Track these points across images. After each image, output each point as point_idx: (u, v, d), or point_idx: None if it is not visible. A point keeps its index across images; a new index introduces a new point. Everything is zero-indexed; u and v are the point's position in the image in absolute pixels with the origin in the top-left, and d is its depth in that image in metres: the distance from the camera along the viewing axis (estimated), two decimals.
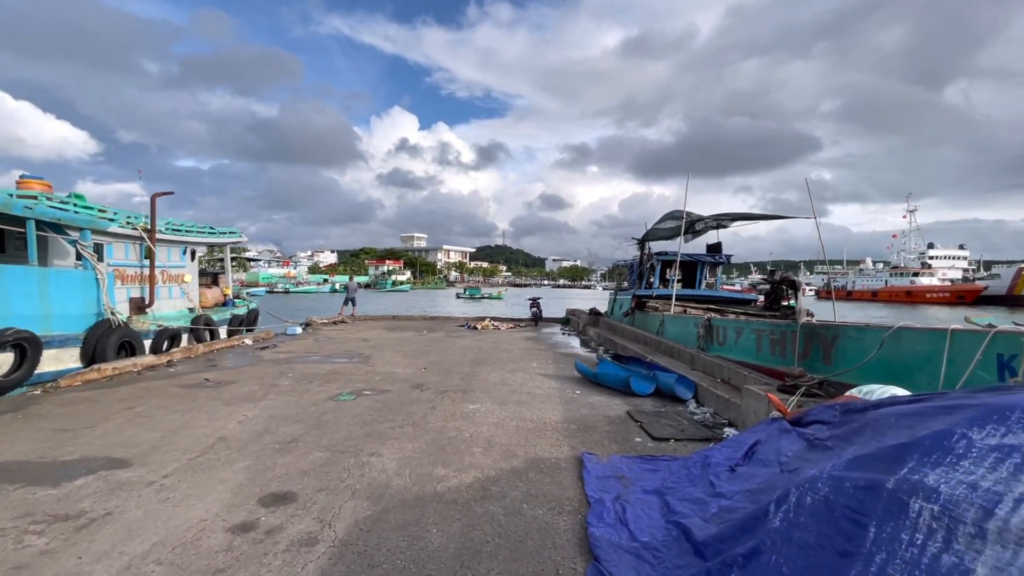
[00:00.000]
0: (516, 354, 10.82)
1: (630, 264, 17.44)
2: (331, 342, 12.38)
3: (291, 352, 10.63)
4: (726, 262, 14.93)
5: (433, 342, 12.64)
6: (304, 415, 5.72)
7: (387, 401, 6.43)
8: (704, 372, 7.43)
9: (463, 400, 6.57)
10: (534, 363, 9.68)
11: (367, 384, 7.46)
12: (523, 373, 8.58)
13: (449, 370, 8.72)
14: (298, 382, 7.55)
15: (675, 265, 14.68)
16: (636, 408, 6.35)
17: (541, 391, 7.21)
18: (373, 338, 13.29)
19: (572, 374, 8.53)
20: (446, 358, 10.07)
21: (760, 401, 4.95)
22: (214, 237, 15.38)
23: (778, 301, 12.18)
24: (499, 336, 14.44)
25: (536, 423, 5.59)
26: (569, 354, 11.06)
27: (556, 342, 13.36)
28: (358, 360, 9.67)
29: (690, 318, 9.32)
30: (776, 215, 11.24)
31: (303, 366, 8.95)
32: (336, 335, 13.89)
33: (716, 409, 6.13)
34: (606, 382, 7.43)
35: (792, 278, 11.93)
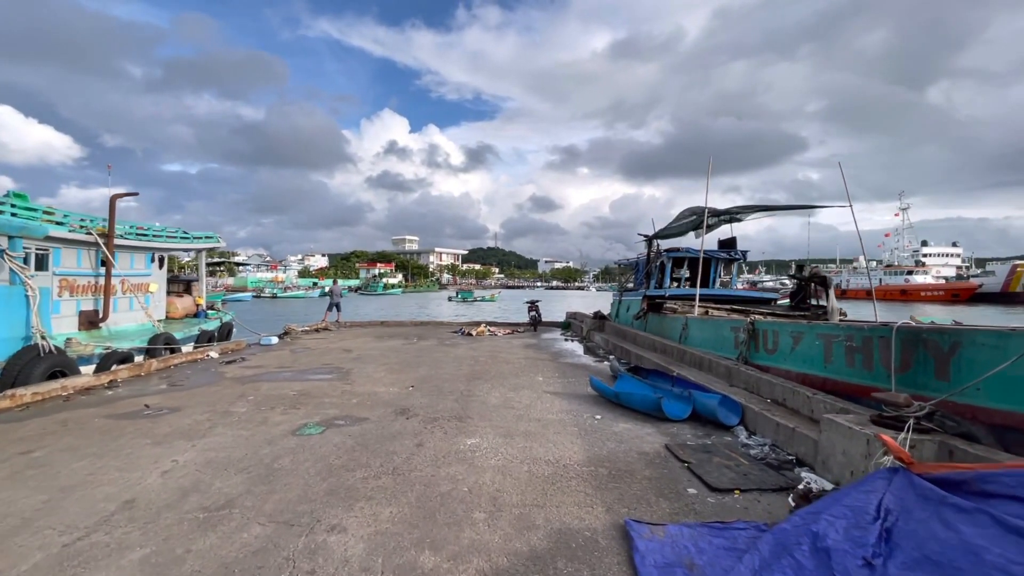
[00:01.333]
0: (517, 365, 9.55)
1: (635, 263, 16.24)
2: (308, 354, 11.03)
3: (260, 367, 9.28)
4: (742, 259, 13.77)
5: (424, 352, 11.34)
6: (252, 459, 4.41)
7: (363, 435, 5.13)
8: (748, 390, 6.21)
9: (458, 431, 5.29)
10: (539, 377, 8.42)
11: (341, 410, 6.15)
12: (528, 391, 7.31)
13: (441, 388, 7.43)
14: (257, 408, 6.23)
15: (698, 262, 13.51)
16: (675, 439, 5.11)
17: (553, 416, 5.95)
18: (357, 348, 11.95)
19: (586, 391, 7.29)
20: (438, 372, 8.78)
21: (854, 440, 3.73)
22: (187, 242, 13.99)
23: (806, 300, 11.06)
24: (496, 343, 13.16)
25: (554, 466, 4.32)
26: (576, 365, 9.81)
27: (560, 350, 12.11)
28: (335, 376, 8.35)
29: (723, 321, 8.11)
30: (803, 205, 10.10)
31: (269, 385, 7.62)
32: (316, 345, 12.53)
33: (775, 440, 4.90)
34: (630, 404, 6.18)
35: (823, 274, 10.81)
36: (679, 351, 8.54)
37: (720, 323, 8.20)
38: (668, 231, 13.73)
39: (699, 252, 13.44)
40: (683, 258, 13.52)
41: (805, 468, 4.26)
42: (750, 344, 7.01)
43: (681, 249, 13.36)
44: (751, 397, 5.86)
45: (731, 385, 6.52)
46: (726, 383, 6.63)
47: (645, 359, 9.16)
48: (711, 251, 13.64)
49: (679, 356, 8.49)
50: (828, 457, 3.99)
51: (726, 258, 13.69)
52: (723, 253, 13.54)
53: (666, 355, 9.07)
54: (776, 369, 6.35)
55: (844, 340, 5.24)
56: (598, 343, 12.98)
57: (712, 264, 13.88)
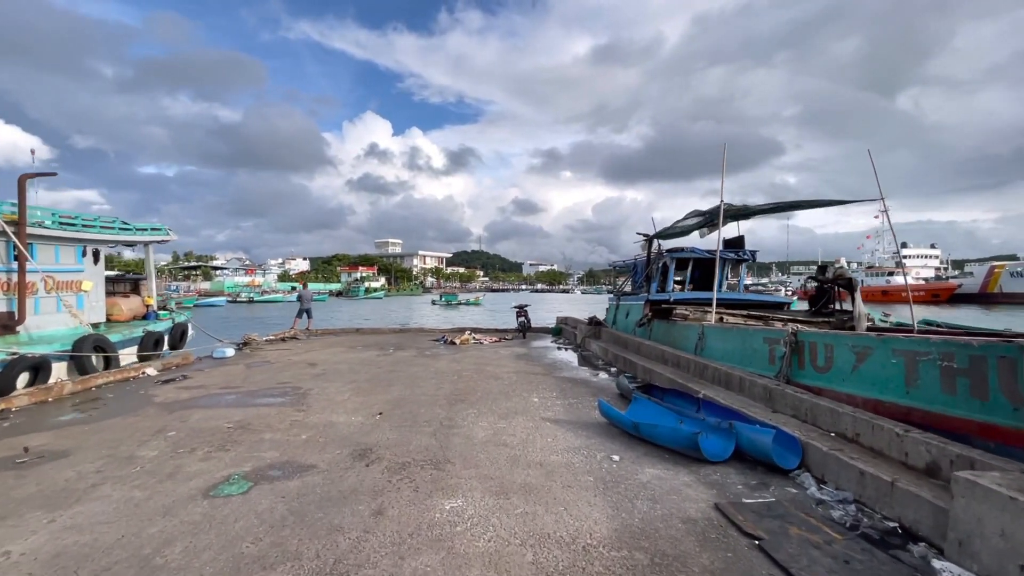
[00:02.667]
0: (508, 381, 8.21)
1: (632, 264, 15.05)
2: (265, 369, 9.53)
3: (201, 388, 7.78)
4: (751, 259, 12.68)
5: (400, 366, 9.92)
6: (127, 549, 3.00)
7: (302, 496, 3.74)
8: (798, 418, 4.98)
9: (434, 486, 3.93)
10: (534, 397, 7.10)
11: (283, 452, 4.75)
12: (523, 417, 5.98)
13: (416, 416, 6.05)
14: (174, 450, 4.78)
15: (704, 263, 12.40)
16: (724, 493, 3.83)
17: (558, 456, 4.63)
18: (323, 361, 10.48)
19: (592, 417, 5.99)
20: (414, 392, 7.39)
21: (1017, 517, 2.50)
22: (128, 234, 12.31)
23: (829, 304, 9.98)
24: (482, 353, 11.80)
25: (570, 549, 3.00)
26: (575, 380, 8.51)
27: (554, 361, 10.80)
28: (288, 401, 6.91)
29: (755, 331, 6.88)
30: (831, 201, 9.01)
31: (203, 415, 6.15)
32: (277, 358, 11.02)
33: (860, 495, 3.66)
34: (655, 439, 4.89)
35: (848, 275, 9.73)
36: (697, 365, 7.30)
37: (749, 333, 6.98)
38: (671, 230, 12.56)
39: (705, 252, 12.33)
40: (687, 259, 12.36)
41: (923, 544, 3.02)
42: (792, 359, 5.80)
43: (685, 249, 12.20)
44: (807, 429, 4.62)
45: (773, 411, 5.29)
46: (766, 407, 5.40)
47: (656, 374, 7.91)
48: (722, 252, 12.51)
49: (698, 371, 7.25)
50: (971, 537, 2.74)
51: (734, 259, 12.58)
52: (731, 253, 12.42)
53: (680, 369, 7.83)
54: (830, 392, 5.14)
55: (938, 359, 4.03)
56: (595, 352, 11.72)
57: (718, 265, 12.75)
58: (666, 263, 12.63)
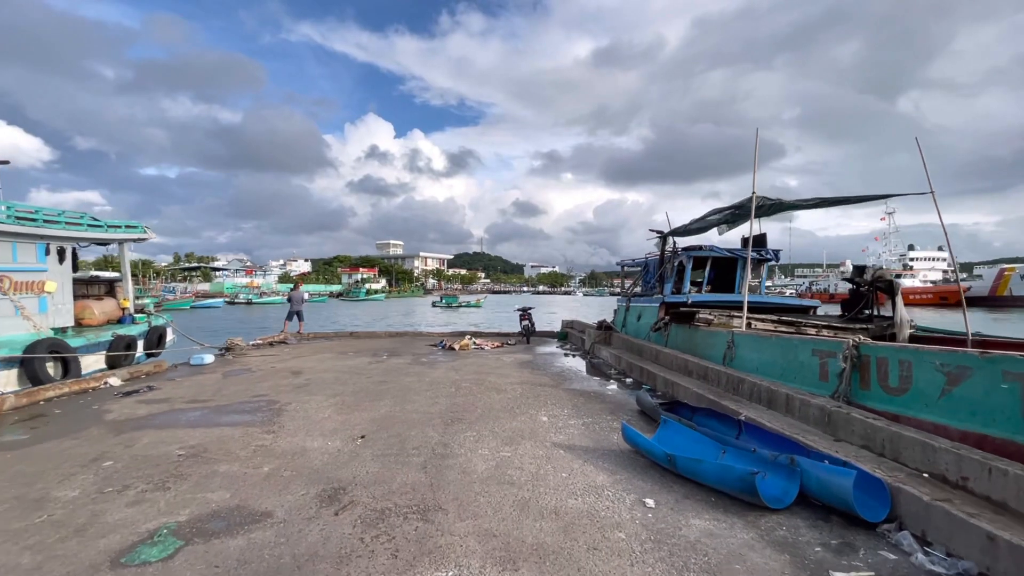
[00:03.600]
0: (512, 395, 7.28)
1: (643, 263, 14.12)
2: (243, 379, 8.62)
3: (164, 401, 6.86)
4: (774, 259, 11.74)
5: (392, 375, 9.00)
6: None
7: (241, 565, 2.82)
8: (871, 450, 4.04)
9: (419, 550, 3.00)
10: (543, 415, 6.17)
11: (236, 490, 3.82)
12: (531, 443, 5.05)
13: (404, 440, 5.13)
14: (99, 490, 3.86)
15: (724, 263, 11.50)
16: (799, 556, 2.90)
17: (578, 501, 3.69)
18: (309, 369, 9.56)
19: (613, 441, 5.06)
20: (404, 408, 6.47)
21: None
22: (98, 231, 11.40)
23: (865, 308, 9.04)
24: (483, 360, 10.88)
25: None
26: (588, 393, 7.57)
27: (562, 369, 9.87)
28: (260, 418, 5.99)
29: (799, 341, 5.93)
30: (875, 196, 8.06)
31: (155, 436, 5.24)
32: (260, 365, 10.11)
33: (986, 566, 2.72)
34: (697, 476, 3.95)
35: (889, 277, 8.80)
36: (730, 379, 6.35)
37: (793, 343, 6.03)
38: (688, 227, 11.62)
39: (725, 251, 11.39)
40: (706, 258, 11.43)
41: None
42: (853, 376, 4.86)
43: (704, 247, 11.26)
44: (890, 468, 3.69)
45: (835, 439, 4.35)
46: (824, 434, 4.46)
47: (679, 387, 6.97)
48: (738, 250, 11.58)
49: (730, 385, 6.30)
50: None
51: (756, 258, 11.63)
52: (753, 253, 11.47)
53: (707, 382, 6.89)
54: (909, 419, 4.20)
55: None
56: (607, 360, 10.78)
57: (739, 265, 11.83)
58: (682, 262, 11.70)
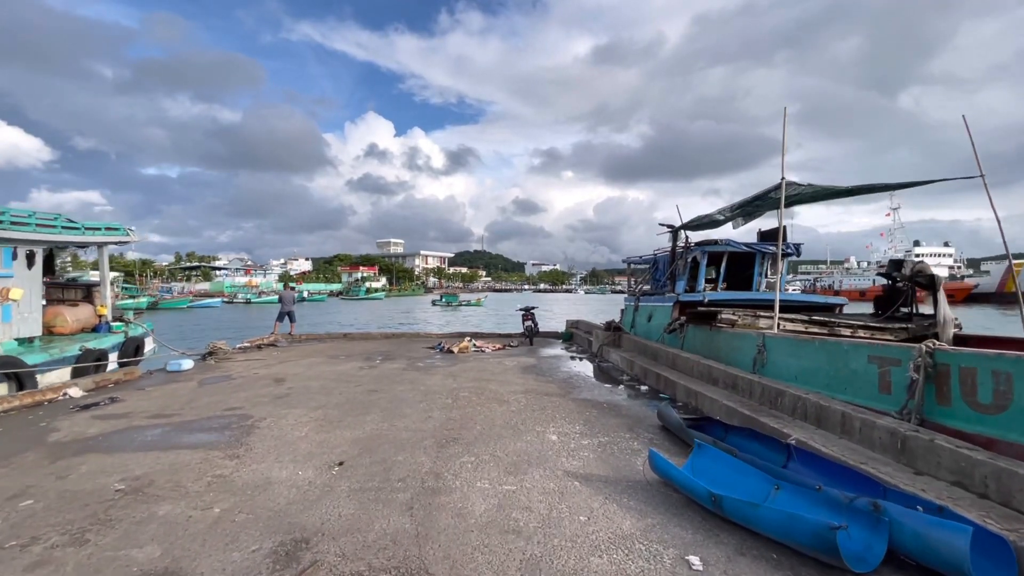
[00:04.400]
0: (515, 406, 6.49)
1: (651, 260, 13.32)
2: (220, 388, 7.84)
3: (124, 416, 6.08)
4: (795, 253, 10.92)
5: (384, 383, 8.21)
6: None
7: None
8: (965, 487, 3.24)
9: None
10: (551, 432, 5.37)
11: (169, 545, 3.03)
12: (540, 471, 4.26)
13: (390, 468, 4.34)
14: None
15: (740, 259, 10.67)
16: None
17: (602, 559, 2.89)
18: (294, 376, 8.77)
19: (637, 468, 4.26)
20: (393, 424, 5.68)
21: None
22: (74, 234, 10.63)
23: (904, 306, 8.25)
24: (484, 365, 10.08)
25: None
26: (601, 404, 6.77)
27: (569, 375, 9.06)
28: (227, 437, 5.20)
29: (851, 346, 5.11)
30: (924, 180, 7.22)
31: (96, 463, 4.45)
32: (242, 371, 9.32)
33: None
34: (753, 524, 3.15)
35: (930, 271, 7.98)
36: (765, 390, 5.54)
37: (842, 348, 5.21)
38: (702, 221, 10.80)
39: (743, 246, 10.58)
40: (721, 253, 10.61)
41: None
42: (927, 389, 4.05)
43: (720, 241, 10.44)
44: (1001, 516, 2.89)
45: (916, 471, 3.55)
46: (900, 464, 3.66)
47: (704, 398, 6.18)
48: (757, 244, 10.78)
49: (766, 398, 5.49)
50: None
51: (776, 252, 10.81)
52: (770, 247, 10.67)
53: (737, 393, 6.09)
54: (1011, 445, 3.40)
55: None
56: (616, 364, 9.98)
57: (756, 260, 11.02)
58: (696, 258, 10.89)
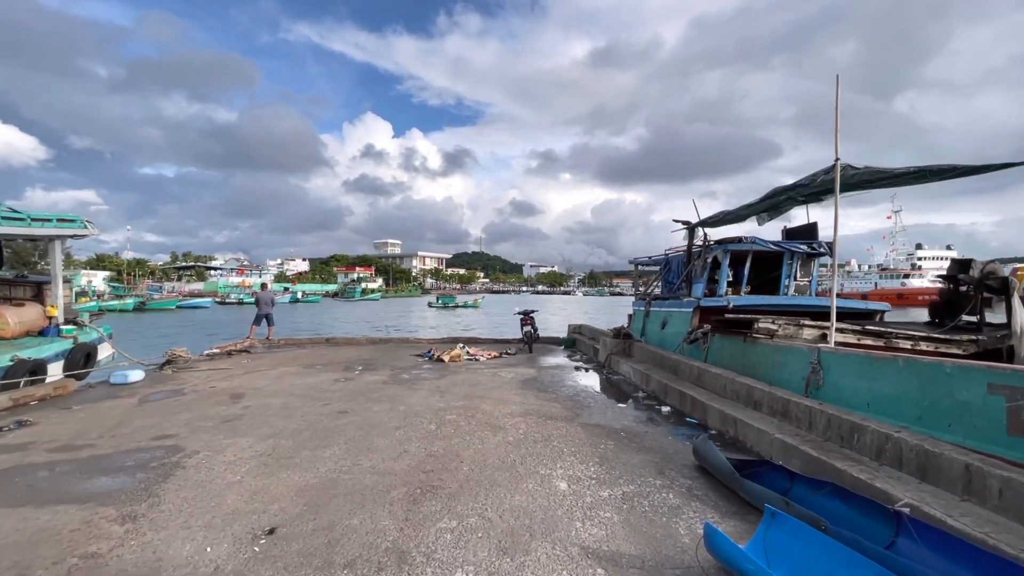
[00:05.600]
0: (513, 437, 5.28)
1: (663, 260, 12.15)
2: (162, 407, 6.60)
3: (18, 449, 4.84)
4: (827, 253, 9.75)
5: (358, 400, 6.99)
6: None
7: None
8: None
9: None
10: (560, 480, 4.16)
11: None
12: (547, 546, 3.04)
13: (337, 539, 3.12)
14: None
15: (766, 259, 9.51)
16: None
17: None
18: (256, 391, 7.55)
19: (682, 543, 3.05)
20: (356, 464, 4.46)
21: None
22: (17, 226, 9.38)
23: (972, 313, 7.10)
24: (477, 377, 8.87)
25: None
26: (617, 432, 5.56)
27: (575, 390, 7.85)
28: (135, 484, 3.97)
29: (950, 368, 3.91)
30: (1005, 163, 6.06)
31: None
32: (198, 384, 8.09)
33: None
34: None
35: (1002, 274, 6.82)
36: (832, 422, 4.34)
37: (943, 371, 4.00)
38: (726, 216, 9.61)
39: (770, 244, 9.40)
40: (745, 252, 9.43)
41: None
42: None
43: (745, 239, 9.26)
44: None
45: None
46: None
47: (745, 427, 4.99)
48: (785, 243, 9.61)
49: (832, 431, 4.28)
50: None
51: (806, 253, 9.65)
52: (801, 246, 9.51)
53: (788, 421, 4.89)
54: None
55: None
56: (628, 377, 8.78)
57: (784, 261, 9.85)
58: (717, 257, 9.71)
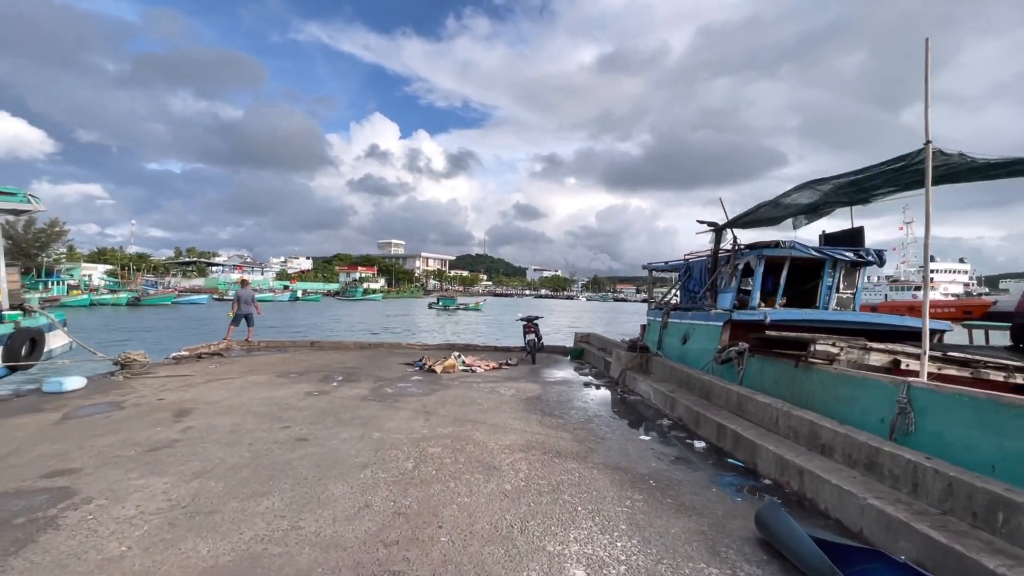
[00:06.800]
0: (511, 486, 4.08)
1: (683, 266, 10.94)
2: (85, 426, 5.44)
3: None
4: (877, 262, 8.53)
5: (325, 423, 5.81)
6: None
7: None
8: None
9: None
10: (577, 566, 2.96)
11: None
12: None
13: None
14: None
15: (807, 266, 8.35)
16: None
17: None
18: (208, 407, 6.37)
19: None
20: (296, 528, 3.27)
21: None
22: None
23: None
24: (472, 394, 7.68)
25: None
26: (645, 478, 4.35)
27: (587, 414, 6.64)
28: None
29: None
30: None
31: None
32: (143, 396, 6.93)
33: None
34: None
35: None
36: (951, 487, 3.14)
37: None
38: (759, 214, 8.40)
39: (811, 250, 8.21)
40: (782, 258, 8.24)
41: None
42: None
43: (784, 243, 8.06)
44: None
45: None
46: None
47: (815, 480, 3.79)
48: (830, 249, 8.40)
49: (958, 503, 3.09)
50: None
51: (851, 261, 8.44)
52: (847, 253, 8.30)
53: (876, 477, 3.66)
54: None
55: None
56: (648, 398, 7.57)
57: (826, 270, 8.64)
58: (749, 264, 8.52)
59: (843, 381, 4.89)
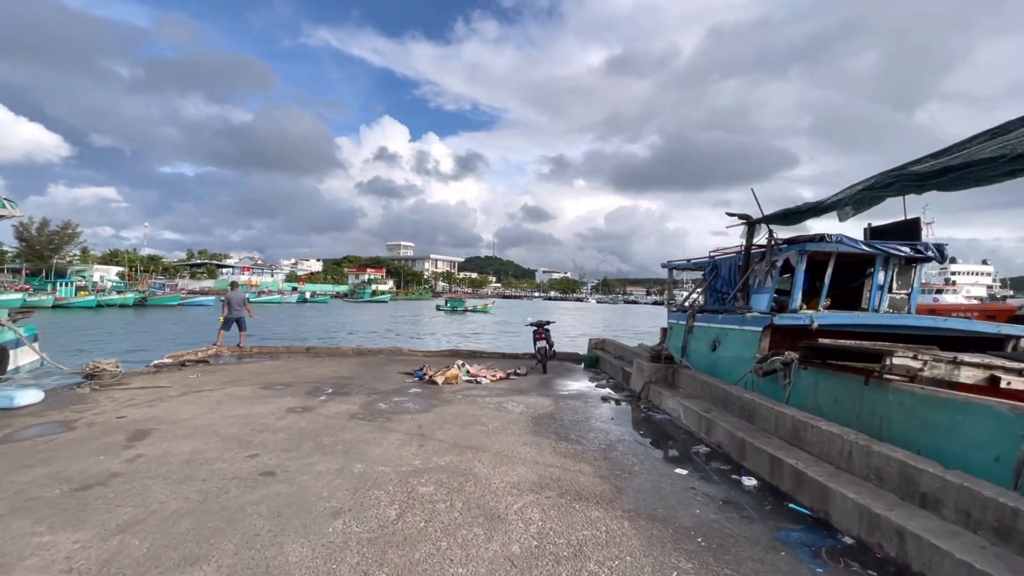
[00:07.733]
0: (519, 549, 3.17)
1: (710, 263, 9.96)
2: (21, 451, 4.61)
3: None
4: (938, 258, 7.52)
5: (301, 449, 4.94)
6: None
7: None
8: None
9: None
10: None
11: None
12: None
13: None
14: None
15: (857, 263, 7.37)
16: None
17: None
18: (171, 428, 5.54)
19: None
20: None
21: None
22: None
23: None
24: (476, 411, 6.78)
25: None
26: (690, 534, 3.43)
27: (608, 438, 5.71)
28: None
29: None
30: None
31: None
32: (103, 412, 6.12)
33: None
34: None
35: None
36: None
37: None
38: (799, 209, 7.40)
39: (861, 245, 7.23)
40: (828, 254, 7.26)
41: None
42: None
43: (830, 237, 7.07)
44: None
45: None
46: None
47: (917, 543, 2.83)
48: (882, 244, 7.41)
49: None
50: None
51: (906, 256, 7.44)
52: (902, 248, 7.31)
53: (1010, 546, 2.73)
54: None
55: None
56: (676, 417, 6.61)
57: (876, 267, 7.64)
58: (789, 261, 7.54)
59: (936, 405, 3.91)
